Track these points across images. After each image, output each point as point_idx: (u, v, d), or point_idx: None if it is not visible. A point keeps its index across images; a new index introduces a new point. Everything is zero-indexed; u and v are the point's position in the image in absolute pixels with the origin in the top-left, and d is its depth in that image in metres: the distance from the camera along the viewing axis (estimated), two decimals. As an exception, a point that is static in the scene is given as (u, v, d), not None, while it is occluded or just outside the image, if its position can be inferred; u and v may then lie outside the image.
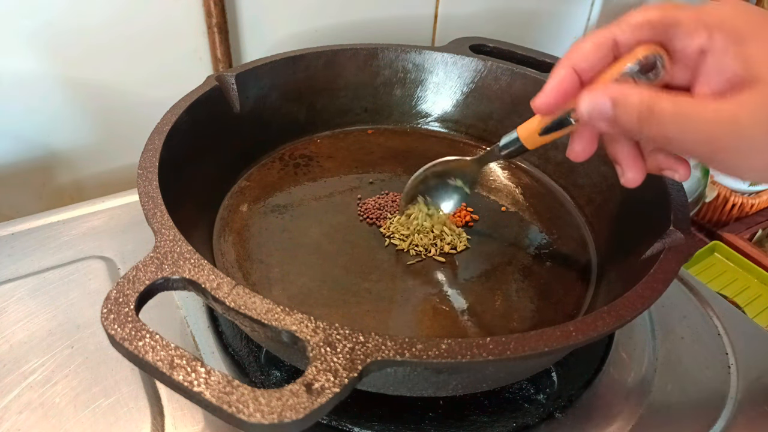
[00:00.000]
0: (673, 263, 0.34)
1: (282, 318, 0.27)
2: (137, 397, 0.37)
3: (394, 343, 0.26)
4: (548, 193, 0.53)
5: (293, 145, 0.56)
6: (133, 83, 0.60)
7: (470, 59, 0.57)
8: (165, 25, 0.58)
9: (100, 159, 0.62)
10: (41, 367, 0.39)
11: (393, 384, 0.33)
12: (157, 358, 0.25)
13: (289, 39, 0.66)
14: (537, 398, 0.39)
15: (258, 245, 0.45)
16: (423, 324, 0.40)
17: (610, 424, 0.38)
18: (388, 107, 0.60)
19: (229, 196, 0.49)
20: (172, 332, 0.42)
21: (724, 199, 0.79)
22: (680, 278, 0.51)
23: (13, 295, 0.44)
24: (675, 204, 0.39)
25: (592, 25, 0.91)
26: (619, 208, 0.47)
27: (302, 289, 0.41)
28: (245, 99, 0.50)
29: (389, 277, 0.43)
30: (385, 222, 0.47)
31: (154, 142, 0.39)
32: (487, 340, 0.27)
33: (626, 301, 0.31)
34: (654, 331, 0.46)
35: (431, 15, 0.75)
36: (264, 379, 0.39)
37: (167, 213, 0.33)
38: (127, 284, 0.28)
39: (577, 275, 0.45)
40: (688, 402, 0.40)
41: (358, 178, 0.53)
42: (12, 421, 0.35)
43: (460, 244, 0.46)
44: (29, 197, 0.61)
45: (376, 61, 0.58)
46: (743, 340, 0.45)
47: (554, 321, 0.41)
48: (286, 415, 0.23)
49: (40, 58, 0.54)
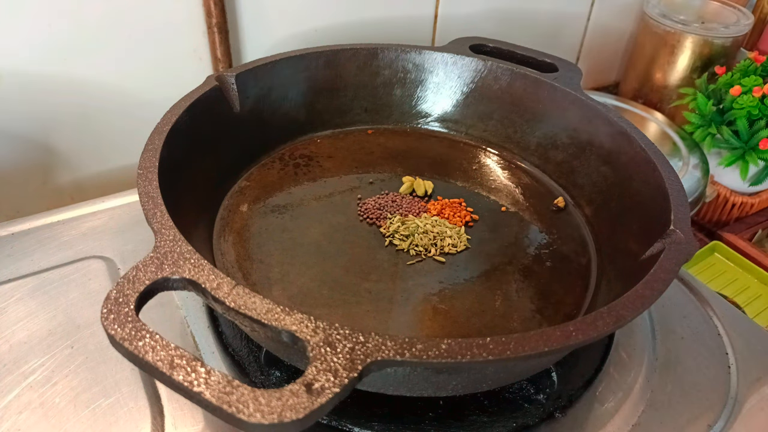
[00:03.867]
0: (673, 263, 0.34)
1: (282, 318, 0.27)
2: (137, 397, 0.37)
3: (394, 343, 0.26)
4: (548, 193, 0.53)
5: (293, 145, 0.56)
6: (133, 83, 0.60)
7: (470, 59, 0.57)
8: (165, 24, 0.58)
9: (100, 159, 0.62)
10: (41, 367, 0.39)
11: (393, 384, 0.33)
12: (157, 358, 0.25)
13: (289, 39, 0.66)
14: (537, 398, 0.39)
15: (258, 245, 0.45)
16: (423, 324, 0.40)
17: (610, 424, 0.38)
18: (388, 107, 0.60)
19: (229, 196, 0.49)
20: (172, 332, 0.42)
21: (724, 199, 0.79)
22: (680, 278, 0.51)
23: (13, 295, 0.44)
24: (675, 204, 0.39)
25: (592, 25, 0.91)
26: (619, 208, 0.47)
27: (302, 289, 0.41)
28: (245, 99, 0.50)
29: (389, 277, 0.43)
30: (385, 222, 0.47)
31: (154, 142, 0.39)
32: (487, 340, 0.27)
33: (626, 301, 0.31)
34: (654, 331, 0.46)
35: (431, 15, 0.75)
36: (264, 379, 0.39)
37: (167, 213, 0.32)
38: (127, 284, 0.28)
39: (577, 275, 0.45)
40: (688, 402, 0.40)
41: (358, 178, 0.53)
42: (12, 421, 0.35)
43: (460, 244, 0.46)
44: (29, 197, 0.61)
45: (376, 61, 0.58)
46: (743, 340, 0.45)
47: (554, 321, 0.41)
48: (286, 415, 0.23)
49: (39, 58, 0.54)
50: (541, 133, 0.55)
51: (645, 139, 0.46)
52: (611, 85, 1.04)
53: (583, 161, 0.52)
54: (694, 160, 0.74)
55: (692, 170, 0.73)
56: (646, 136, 0.46)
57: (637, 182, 0.45)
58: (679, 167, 0.73)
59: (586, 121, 0.51)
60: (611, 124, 0.49)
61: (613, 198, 0.48)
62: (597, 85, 1.03)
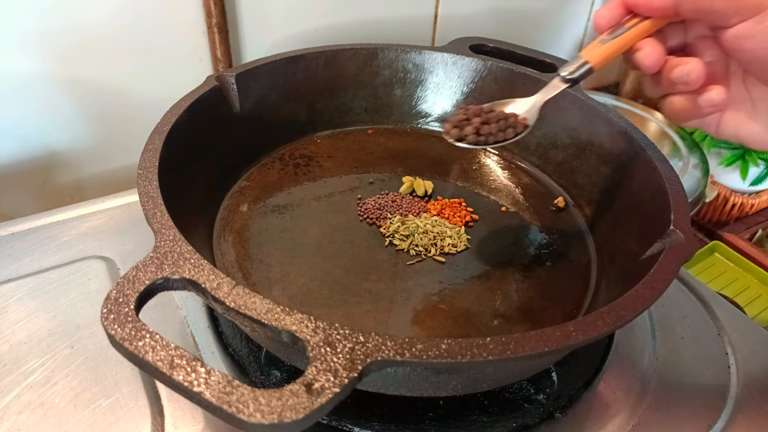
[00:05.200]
0: (673, 263, 0.34)
1: (282, 318, 0.27)
2: (137, 397, 0.37)
3: (394, 343, 0.26)
4: (548, 193, 0.53)
5: (293, 145, 0.56)
6: (133, 83, 0.60)
7: (470, 59, 0.57)
8: (165, 25, 0.58)
9: (100, 159, 0.62)
10: (41, 367, 0.39)
11: (393, 384, 0.33)
12: (157, 358, 0.25)
13: (289, 39, 0.66)
14: (537, 398, 0.39)
15: (258, 245, 0.45)
16: (423, 324, 0.40)
17: (610, 424, 0.38)
18: (388, 107, 0.60)
19: (229, 196, 0.49)
20: (172, 332, 0.42)
21: (724, 199, 0.79)
22: (680, 278, 0.51)
23: (13, 295, 0.44)
24: (675, 204, 0.39)
25: (592, 25, 0.91)
26: (619, 208, 0.47)
27: (302, 289, 0.41)
28: (245, 99, 0.50)
29: (389, 277, 0.43)
30: (385, 222, 0.47)
31: (154, 142, 0.39)
32: (487, 340, 0.27)
33: (626, 301, 0.31)
34: (654, 331, 0.46)
35: (431, 15, 0.75)
36: (264, 379, 0.39)
37: (167, 213, 0.32)
38: (127, 284, 0.28)
39: (577, 275, 0.45)
40: (688, 402, 0.40)
41: (358, 178, 0.53)
42: (12, 421, 0.35)
43: (460, 244, 0.46)
44: (29, 197, 0.61)
45: (376, 61, 0.58)
46: (743, 340, 0.45)
47: (554, 321, 0.41)
48: (286, 415, 0.23)
49: (40, 58, 0.54)
50: (541, 133, 0.55)
51: (645, 139, 0.46)
52: (611, 85, 1.04)
53: (583, 161, 0.52)
54: (694, 160, 0.74)
55: (692, 170, 0.73)
56: (646, 136, 0.46)
57: (637, 182, 0.45)
58: (679, 167, 0.73)
59: (586, 121, 0.51)
60: (611, 124, 0.49)
61: (613, 198, 0.48)
62: (597, 85, 1.03)
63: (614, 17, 0.37)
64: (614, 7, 0.37)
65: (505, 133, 0.41)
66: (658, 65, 0.36)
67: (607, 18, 0.37)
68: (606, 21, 0.37)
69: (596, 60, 0.38)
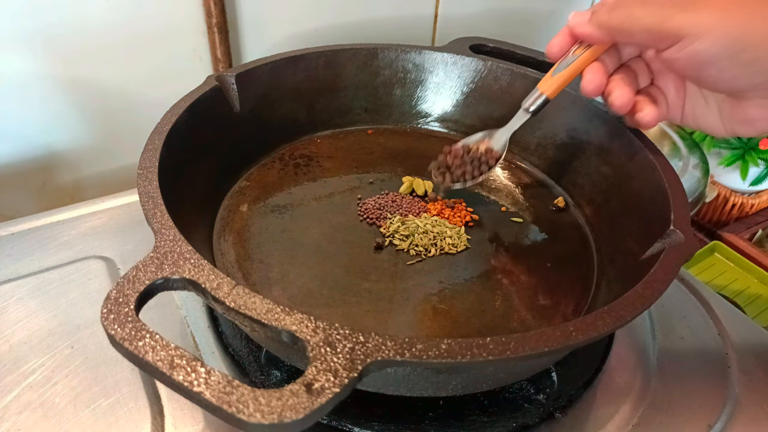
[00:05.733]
0: (673, 263, 0.34)
1: (282, 318, 0.27)
2: (137, 397, 0.37)
3: (394, 343, 0.26)
4: (548, 193, 0.53)
5: (293, 145, 0.56)
6: (133, 83, 0.60)
7: (470, 59, 0.57)
8: (165, 25, 0.58)
9: (100, 159, 0.62)
10: (41, 367, 0.39)
11: (393, 384, 0.33)
12: (157, 358, 0.25)
13: (289, 39, 0.66)
14: (537, 398, 0.39)
15: (258, 245, 0.45)
16: (423, 324, 0.40)
17: (610, 424, 0.38)
18: (388, 107, 0.60)
19: (229, 196, 0.49)
20: (172, 332, 0.42)
21: (724, 199, 0.79)
22: (680, 278, 0.51)
23: (13, 295, 0.44)
24: (675, 204, 0.39)
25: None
26: (619, 208, 0.47)
27: (302, 289, 0.41)
28: (245, 99, 0.50)
29: (389, 277, 0.43)
30: (385, 222, 0.47)
31: (154, 142, 0.39)
32: (487, 340, 0.27)
33: (626, 301, 0.31)
34: (654, 331, 0.46)
35: (431, 15, 0.75)
36: (264, 379, 0.39)
37: (167, 213, 0.32)
38: (127, 284, 0.28)
39: (577, 275, 0.45)
40: (688, 402, 0.40)
41: (358, 178, 0.53)
42: (12, 421, 0.35)
43: (460, 244, 0.46)
44: (29, 197, 0.61)
45: (376, 61, 0.58)
46: (743, 340, 0.45)
47: (554, 321, 0.41)
48: (286, 415, 0.23)
49: (40, 58, 0.54)
50: (541, 133, 0.55)
51: (645, 139, 0.46)
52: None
53: (583, 161, 0.52)
54: (694, 160, 0.74)
55: (692, 170, 0.73)
56: (646, 136, 0.46)
57: (637, 182, 0.45)
58: (679, 167, 0.73)
59: (586, 121, 0.51)
60: (611, 123, 0.49)
61: (613, 198, 0.48)
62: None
63: (564, 45, 0.42)
64: (563, 36, 0.42)
65: (480, 169, 0.48)
66: (599, 91, 0.41)
67: (558, 47, 0.42)
68: (558, 49, 0.42)
69: (550, 91, 0.44)
